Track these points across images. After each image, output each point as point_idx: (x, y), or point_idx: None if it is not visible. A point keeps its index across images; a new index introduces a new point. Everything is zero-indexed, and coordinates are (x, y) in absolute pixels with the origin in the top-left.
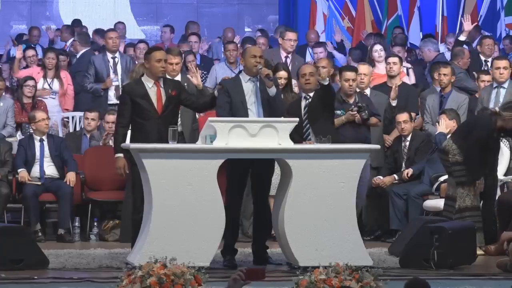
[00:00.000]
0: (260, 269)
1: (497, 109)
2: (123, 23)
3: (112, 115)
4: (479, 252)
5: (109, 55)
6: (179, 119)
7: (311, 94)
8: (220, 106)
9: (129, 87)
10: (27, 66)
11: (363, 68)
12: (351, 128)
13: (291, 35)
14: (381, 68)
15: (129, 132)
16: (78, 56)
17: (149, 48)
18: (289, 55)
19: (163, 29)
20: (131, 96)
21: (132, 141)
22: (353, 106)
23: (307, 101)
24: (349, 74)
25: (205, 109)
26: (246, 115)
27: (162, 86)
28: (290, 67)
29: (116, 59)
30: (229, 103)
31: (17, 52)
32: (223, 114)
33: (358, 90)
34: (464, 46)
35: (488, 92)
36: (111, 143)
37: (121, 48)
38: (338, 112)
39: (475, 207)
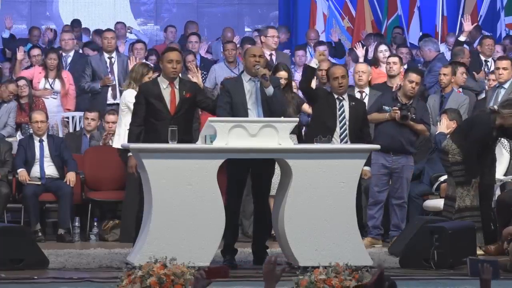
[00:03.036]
0: (223, 267)
1: (496, 107)
2: (122, 23)
3: (112, 115)
4: (479, 252)
5: (106, 55)
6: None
7: (345, 96)
8: (220, 106)
9: (145, 87)
10: (30, 65)
11: (362, 66)
12: (393, 126)
13: (272, 32)
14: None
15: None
16: (72, 56)
17: (165, 48)
18: (273, 52)
19: (168, 29)
20: (146, 96)
21: (144, 141)
22: (398, 104)
23: (341, 102)
24: (415, 76)
25: None
26: (246, 116)
27: (177, 87)
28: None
29: (113, 59)
30: (229, 103)
31: (18, 53)
32: (223, 114)
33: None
34: (465, 46)
35: (491, 92)
36: (111, 143)
37: (121, 48)
38: (386, 108)
39: (475, 207)
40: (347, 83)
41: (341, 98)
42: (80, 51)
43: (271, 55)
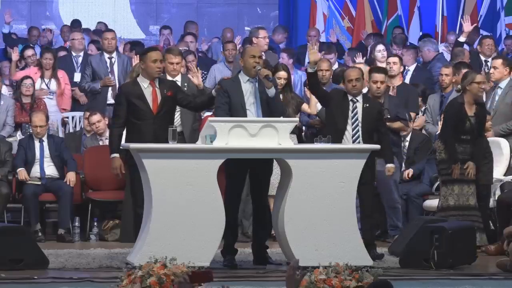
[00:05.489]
0: (206, 272)
1: (459, 86)
2: (104, 23)
3: (94, 115)
4: (479, 251)
5: (106, 56)
6: (179, 119)
7: (359, 98)
8: (218, 107)
9: (126, 88)
10: (25, 66)
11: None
12: None
13: (263, 33)
14: None
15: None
16: (83, 56)
17: (145, 49)
18: (263, 53)
19: (162, 31)
20: (127, 96)
21: (127, 141)
22: None
23: (355, 104)
24: (378, 76)
25: (202, 109)
26: (245, 116)
27: (158, 86)
28: None
29: (113, 59)
30: (227, 103)
31: (13, 54)
32: (221, 114)
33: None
34: (465, 46)
35: (490, 92)
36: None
37: (121, 48)
38: None
39: (461, 207)
40: (362, 85)
41: (355, 100)
42: (89, 51)
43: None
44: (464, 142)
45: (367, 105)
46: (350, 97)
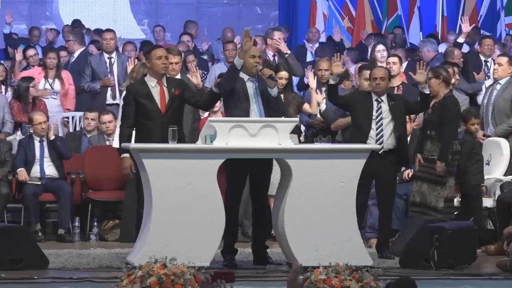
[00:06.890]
0: (228, 272)
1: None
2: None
3: (106, 114)
4: (479, 251)
5: (106, 56)
6: None
7: (383, 98)
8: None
9: (133, 88)
10: (27, 66)
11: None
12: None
13: (278, 34)
14: None
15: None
16: (76, 56)
17: (149, 47)
18: (276, 54)
19: (155, 29)
20: (135, 96)
21: (136, 141)
22: None
23: (379, 104)
24: (367, 73)
25: (210, 107)
26: (248, 113)
27: (165, 85)
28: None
29: (113, 60)
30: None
31: (16, 54)
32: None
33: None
34: (465, 46)
35: (488, 89)
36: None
37: (120, 48)
38: None
39: (421, 203)
40: (386, 85)
41: (380, 99)
42: (90, 50)
43: (274, 56)
44: (432, 138)
45: (393, 102)
46: (374, 97)
